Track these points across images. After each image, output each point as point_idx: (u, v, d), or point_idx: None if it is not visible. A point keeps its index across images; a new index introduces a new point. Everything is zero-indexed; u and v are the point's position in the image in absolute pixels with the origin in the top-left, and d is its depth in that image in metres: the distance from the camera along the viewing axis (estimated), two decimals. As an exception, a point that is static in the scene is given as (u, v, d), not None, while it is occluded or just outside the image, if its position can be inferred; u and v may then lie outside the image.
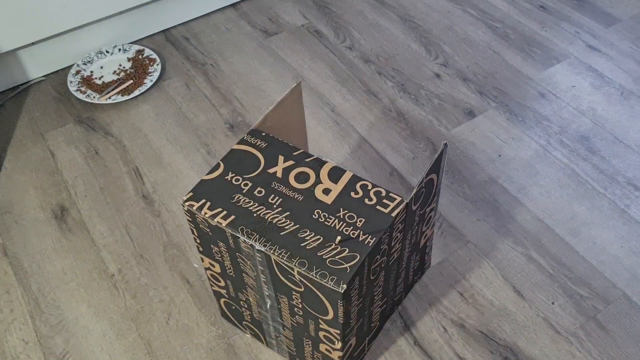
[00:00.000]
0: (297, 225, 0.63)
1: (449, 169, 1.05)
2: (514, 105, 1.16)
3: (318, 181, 0.67)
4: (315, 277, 0.59)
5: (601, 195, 0.99)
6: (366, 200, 0.64)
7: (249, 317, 0.78)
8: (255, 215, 0.64)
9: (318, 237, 0.61)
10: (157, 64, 1.25)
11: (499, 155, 1.07)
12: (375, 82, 1.22)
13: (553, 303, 0.86)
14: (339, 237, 0.61)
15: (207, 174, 0.69)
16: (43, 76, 1.26)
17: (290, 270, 0.60)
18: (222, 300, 0.80)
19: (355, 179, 0.67)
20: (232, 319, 0.83)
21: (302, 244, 0.61)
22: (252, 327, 0.80)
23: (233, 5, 1.42)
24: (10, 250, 0.96)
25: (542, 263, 0.91)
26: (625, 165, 1.04)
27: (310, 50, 1.30)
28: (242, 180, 0.68)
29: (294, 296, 0.65)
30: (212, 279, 0.77)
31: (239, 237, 0.63)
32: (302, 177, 0.67)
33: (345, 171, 0.68)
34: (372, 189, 0.66)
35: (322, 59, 1.28)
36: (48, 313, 0.87)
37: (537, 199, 0.99)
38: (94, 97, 1.18)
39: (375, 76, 1.24)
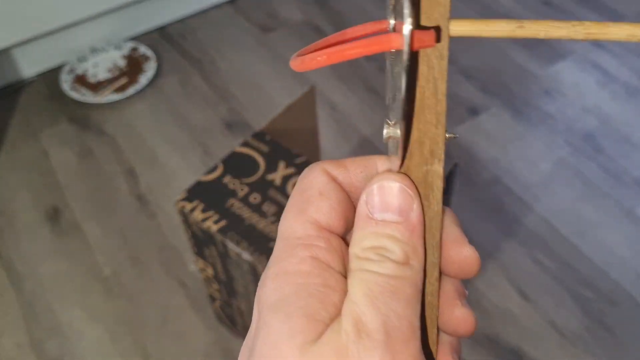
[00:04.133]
0: None
1: (452, 168, 1.03)
2: (518, 103, 1.14)
3: None
4: None
5: (607, 196, 0.98)
6: None
7: (242, 324, 0.77)
8: (247, 222, 0.63)
9: None
10: (153, 62, 1.23)
11: (503, 155, 1.05)
12: (376, 80, 1.20)
13: (558, 305, 0.85)
14: None
15: (205, 175, 0.68)
16: (36, 75, 1.24)
17: None
18: (217, 303, 0.79)
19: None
20: (227, 322, 0.81)
21: None
22: (245, 333, 0.79)
23: (230, 1, 1.40)
24: (3, 253, 0.95)
25: (547, 264, 0.89)
26: (632, 165, 1.02)
27: (309, 47, 1.29)
28: (239, 185, 0.66)
29: None
30: (207, 281, 0.76)
31: (227, 244, 0.61)
32: None
33: None
34: None
35: (322, 56, 1.26)
36: (42, 317, 0.86)
37: (542, 199, 0.98)
38: (88, 96, 1.16)
39: (376, 73, 1.22)
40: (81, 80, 1.20)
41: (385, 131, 0.19)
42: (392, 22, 0.19)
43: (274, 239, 0.60)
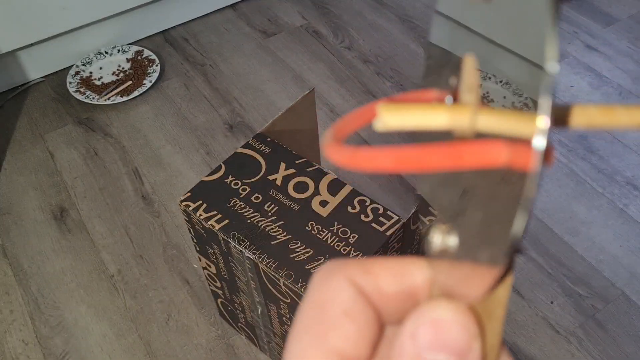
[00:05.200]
0: (289, 236, 0.62)
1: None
2: (512, 105, 1.16)
3: (316, 192, 0.66)
4: (300, 290, 0.58)
5: (600, 195, 1.00)
6: (362, 217, 0.64)
7: (243, 320, 0.78)
8: (249, 221, 0.63)
9: (308, 249, 0.61)
10: (156, 65, 1.25)
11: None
12: (374, 83, 1.22)
13: (552, 302, 0.86)
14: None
15: (208, 175, 0.69)
16: (42, 77, 1.26)
17: (277, 281, 0.60)
18: (219, 300, 0.80)
19: (354, 193, 0.66)
20: (230, 318, 0.83)
21: (291, 255, 0.60)
22: (247, 330, 0.80)
23: (232, 5, 1.42)
24: (9, 251, 0.96)
25: (541, 262, 0.91)
26: (624, 165, 1.04)
27: (309, 50, 1.30)
28: (241, 185, 0.68)
29: (281, 306, 0.65)
30: (209, 279, 0.77)
31: (230, 242, 0.63)
32: (301, 187, 0.67)
33: (345, 185, 0.67)
34: (370, 205, 0.65)
35: (321, 59, 1.28)
36: (48, 314, 0.88)
37: (536, 199, 0.99)
38: (93, 98, 1.18)
39: (374, 76, 1.24)
40: (87, 83, 1.22)
41: (437, 238, 0.14)
42: (449, 98, 0.14)
43: (275, 237, 0.62)
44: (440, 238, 0.14)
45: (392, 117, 0.13)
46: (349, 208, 0.65)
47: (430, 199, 0.15)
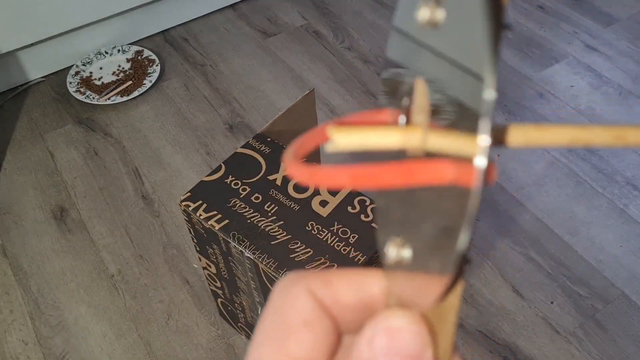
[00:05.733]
0: (289, 236, 0.62)
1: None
2: (512, 105, 1.16)
3: (316, 192, 0.66)
4: None
5: (600, 195, 1.00)
6: (362, 217, 0.64)
7: (243, 320, 0.78)
8: (249, 221, 0.64)
9: (308, 249, 0.61)
10: (156, 65, 1.25)
11: (498, 155, 1.07)
12: (374, 83, 1.22)
13: (552, 302, 0.86)
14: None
15: (208, 175, 0.69)
16: (42, 77, 1.26)
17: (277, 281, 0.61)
18: (219, 300, 0.80)
19: (354, 193, 0.66)
20: (230, 318, 0.83)
21: (291, 255, 0.60)
22: (247, 330, 0.80)
23: (232, 6, 1.42)
24: (9, 251, 0.96)
25: (541, 263, 0.91)
26: (624, 165, 1.04)
27: (309, 50, 1.31)
28: (241, 185, 0.68)
29: None
30: (209, 279, 0.77)
31: (230, 242, 0.63)
32: (301, 187, 0.67)
33: None
34: (370, 204, 0.65)
35: (321, 59, 1.28)
36: (48, 314, 0.88)
37: (536, 199, 1.00)
38: (93, 98, 1.18)
39: (374, 77, 1.24)
40: (87, 83, 1.22)
41: (391, 252, 0.15)
42: (403, 118, 0.15)
43: (275, 237, 0.62)
44: (395, 251, 0.15)
45: (342, 138, 0.13)
46: (349, 208, 0.65)
47: (386, 213, 0.16)
